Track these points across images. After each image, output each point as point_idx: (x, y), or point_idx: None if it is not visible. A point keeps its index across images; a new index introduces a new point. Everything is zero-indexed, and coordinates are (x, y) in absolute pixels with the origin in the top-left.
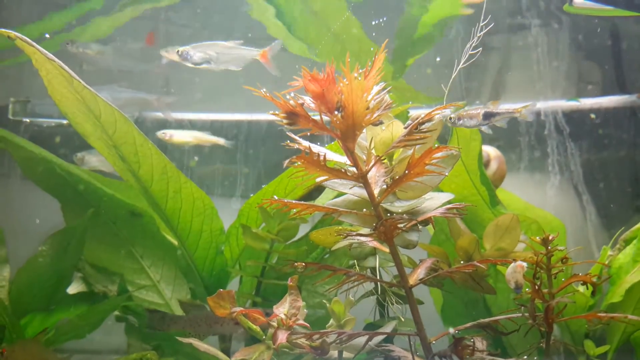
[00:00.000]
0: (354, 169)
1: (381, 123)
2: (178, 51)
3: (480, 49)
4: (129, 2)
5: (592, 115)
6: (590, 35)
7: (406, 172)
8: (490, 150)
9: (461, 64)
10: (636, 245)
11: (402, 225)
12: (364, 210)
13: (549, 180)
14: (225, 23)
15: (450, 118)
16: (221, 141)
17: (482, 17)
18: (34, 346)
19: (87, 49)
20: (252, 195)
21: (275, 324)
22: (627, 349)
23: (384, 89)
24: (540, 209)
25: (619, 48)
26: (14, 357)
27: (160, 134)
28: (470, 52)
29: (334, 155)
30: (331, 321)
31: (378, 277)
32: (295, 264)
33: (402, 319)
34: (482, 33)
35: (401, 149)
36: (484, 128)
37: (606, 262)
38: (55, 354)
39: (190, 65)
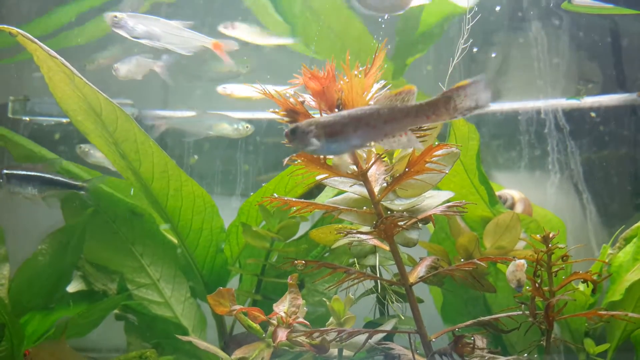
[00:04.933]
0: (354, 167)
1: None
2: (115, 16)
3: (471, 40)
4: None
5: (592, 114)
6: (590, 33)
7: (406, 170)
8: (514, 194)
9: (455, 59)
10: (636, 243)
11: (402, 223)
12: (364, 208)
13: (549, 178)
14: (225, 20)
15: None
16: None
17: (467, 11)
18: (59, 347)
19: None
20: (252, 193)
21: (275, 321)
22: (628, 347)
23: (383, 86)
24: (541, 207)
25: (619, 46)
26: (40, 357)
27: (221, 88)
28: (463, 47)
29: None
30: (331, 319)
31: (378, 275)
32: (295, 261)
33: (402, 317)
34: (469, 26)
35: None
36: None
37: (606, 261)
38: (81, 355)
39: (126, 36)
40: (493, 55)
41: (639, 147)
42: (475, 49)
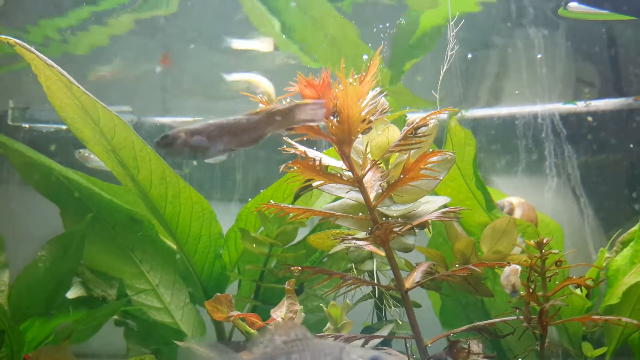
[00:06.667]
0: (350, 174)
1: (371, 129)
2: None
3: (457, 47)
4: (128, 7)
5: (589, 118)
6: (586, 38)
7: (401, 176)
8: (513, 200)
9: (445, 66)
10: (633, 247)
11: (397, 229)
12: (360, 214)
13: (547, 183)
14: (222, 30)
15: None
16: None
17: (449, 12)
18: (59, 352)
19: None
20: (250, 199)
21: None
22: (625, 351)
23: (380, 93)
24: (538, 212)
25: (615, 51)
26: None
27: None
28: (450, 53)
29: (331, 160)
30: (328, 324)
31: (375, 281)
32: (292, 267)
33: (400, 322)
34: (454, 31)
35: (397, 153)
36: None
37: (603, 264)
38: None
39: None
40: (538, 56)
41: (635, 151)
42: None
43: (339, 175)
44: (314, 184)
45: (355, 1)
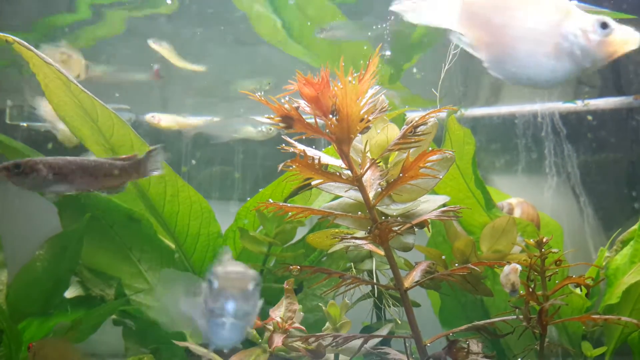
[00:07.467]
0: (349, 172)
1: (370, 128)
2: None
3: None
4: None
5: (589, 117)
6: None
7: (401, 175)
8: (512, 200)
9: (446, 65)
10: (633, 246)
11: (397, 228)
12: (359, 213)
13: (547, 182)
14: (220, 30)
15: None
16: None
17: None
18: (62, 345)
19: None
20: (249, 198)
21: (271, 327)
22: (625, 350)
23: (379, 91)
24: (538, 211)
25: None
26: (42, 353)
27: (149, 117)
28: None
29: (330, 159)
30: (327, 324)
31: (375, 280)
32: (291, 267)
33: (399, 322)
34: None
35: (396, 152)
36: None
37: (603, 264)
38: (82, 354)
39: None
40: None
41: (635, 150)
42: None
43: (338, 174)
44: (313, 182)
45: None
